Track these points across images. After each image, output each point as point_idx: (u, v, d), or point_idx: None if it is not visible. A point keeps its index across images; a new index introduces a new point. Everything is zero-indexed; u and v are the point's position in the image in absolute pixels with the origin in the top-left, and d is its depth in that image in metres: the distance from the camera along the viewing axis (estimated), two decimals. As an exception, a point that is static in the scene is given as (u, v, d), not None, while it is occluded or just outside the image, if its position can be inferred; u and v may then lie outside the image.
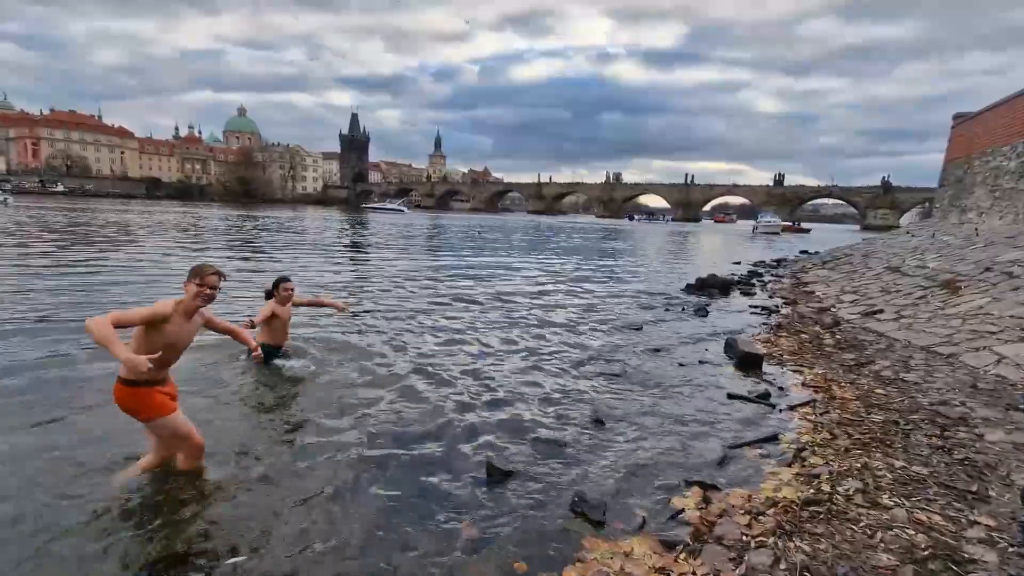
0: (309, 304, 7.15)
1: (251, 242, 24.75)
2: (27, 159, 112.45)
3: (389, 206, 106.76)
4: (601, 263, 22.21)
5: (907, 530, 3.40)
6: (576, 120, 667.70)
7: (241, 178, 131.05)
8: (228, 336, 4.19)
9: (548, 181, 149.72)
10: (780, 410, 5.69)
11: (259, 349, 4.31)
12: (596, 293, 13.44)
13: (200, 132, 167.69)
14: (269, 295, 6.56)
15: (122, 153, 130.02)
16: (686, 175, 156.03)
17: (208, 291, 3.67)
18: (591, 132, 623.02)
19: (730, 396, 6.04)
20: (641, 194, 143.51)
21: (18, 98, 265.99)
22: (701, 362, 7.40)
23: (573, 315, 10.35)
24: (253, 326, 6.03)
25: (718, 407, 5.74)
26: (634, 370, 6.94)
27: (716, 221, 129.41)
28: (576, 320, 9.88)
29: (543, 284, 14.62)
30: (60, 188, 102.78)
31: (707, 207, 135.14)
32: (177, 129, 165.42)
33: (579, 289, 14.06)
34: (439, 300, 11.24)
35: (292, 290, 6.57)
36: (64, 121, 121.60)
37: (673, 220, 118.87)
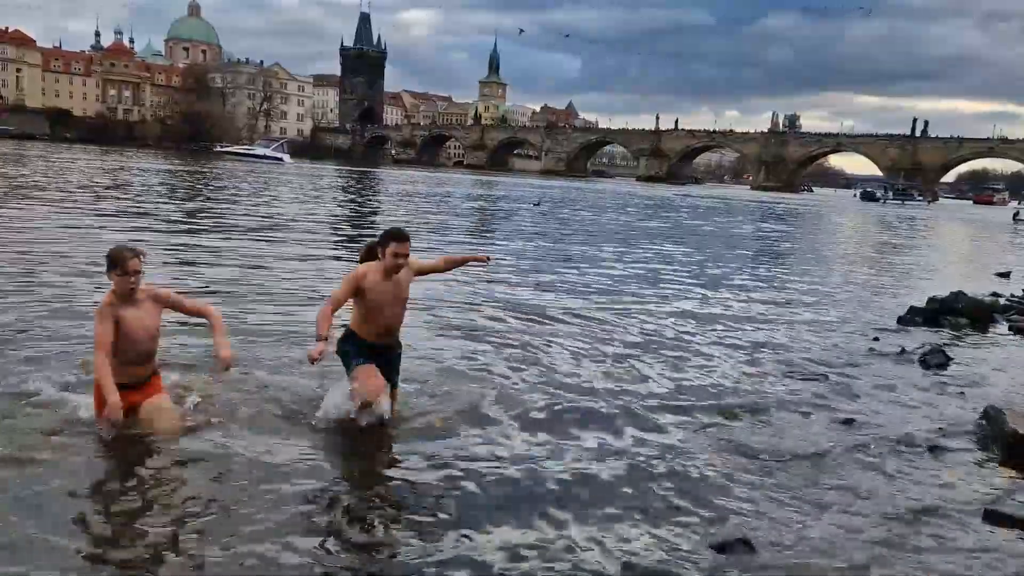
0: (435, 269, 4.74)
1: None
2: None
3: (259, 151, 75.01)
4: (759, 268, 16.92)
5: None
6: (723, 28, 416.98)
7: (189, 113, 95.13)
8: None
9: (672, 129, 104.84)
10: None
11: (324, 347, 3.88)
12: (750, 315, 9.87)
13: (132, 41, 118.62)
14: (370, 256, 4.27)
15: (17, 71, 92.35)
16: (913, 121, 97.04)
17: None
18: (747, 49, 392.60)
19: (989, 515, 3.94)
20: (831, 151, 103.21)
21: None
22: (934, 448, 5.00)
23: (709, 349, 7.58)
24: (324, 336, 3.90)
25: (966, 536, 3.72)
26: (811, 453, 4.74)
27: (977, 201, 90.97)
28: (711, 357, 7.18)
29: (666, 299, 10.82)
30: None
31: (949, 176, 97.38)
32: (98, 36, 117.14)
33: (723, 307, 10.42)
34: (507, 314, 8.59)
35: (407, 255, 4.16)
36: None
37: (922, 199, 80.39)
